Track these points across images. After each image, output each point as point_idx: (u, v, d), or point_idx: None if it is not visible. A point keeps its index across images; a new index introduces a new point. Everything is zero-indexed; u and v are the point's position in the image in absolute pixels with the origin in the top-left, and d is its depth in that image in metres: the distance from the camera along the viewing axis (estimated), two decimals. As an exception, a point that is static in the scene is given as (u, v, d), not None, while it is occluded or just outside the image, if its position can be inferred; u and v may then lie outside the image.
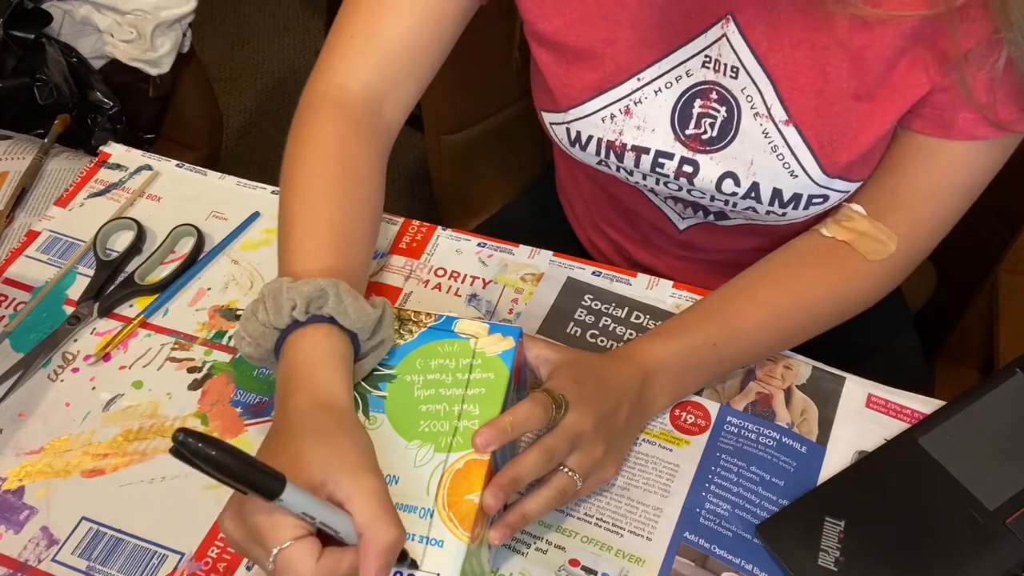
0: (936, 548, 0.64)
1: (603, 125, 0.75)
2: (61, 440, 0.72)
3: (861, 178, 0.73)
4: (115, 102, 1.35)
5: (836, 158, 0.70)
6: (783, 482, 0.69)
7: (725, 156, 0.73)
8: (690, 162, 0.74)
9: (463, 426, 0.60)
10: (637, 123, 0.74)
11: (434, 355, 0.64)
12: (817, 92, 0.68)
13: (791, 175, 0.72)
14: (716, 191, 0.75)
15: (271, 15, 2.41)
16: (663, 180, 0.77)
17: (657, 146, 0.74)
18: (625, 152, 0.75)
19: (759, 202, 0.74)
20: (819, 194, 0.72)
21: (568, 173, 0.98)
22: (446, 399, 0.62)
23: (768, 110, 0.70)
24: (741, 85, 0.70)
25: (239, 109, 2.19)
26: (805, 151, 0.70)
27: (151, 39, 1.33)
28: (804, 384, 0.75)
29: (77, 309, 0.79)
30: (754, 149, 0.72)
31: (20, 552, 0.66)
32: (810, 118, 0.69)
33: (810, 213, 0.74)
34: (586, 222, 0.99)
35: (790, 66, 0.68)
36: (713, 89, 0.71)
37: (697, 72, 0.71)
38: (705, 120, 0.72)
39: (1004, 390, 0.72)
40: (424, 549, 0.56)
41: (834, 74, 0.67)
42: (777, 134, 0.71)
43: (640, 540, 0.66)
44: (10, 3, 1.25)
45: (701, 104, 0.72)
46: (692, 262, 0.91)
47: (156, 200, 0.89)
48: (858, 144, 0.69)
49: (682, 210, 0.84)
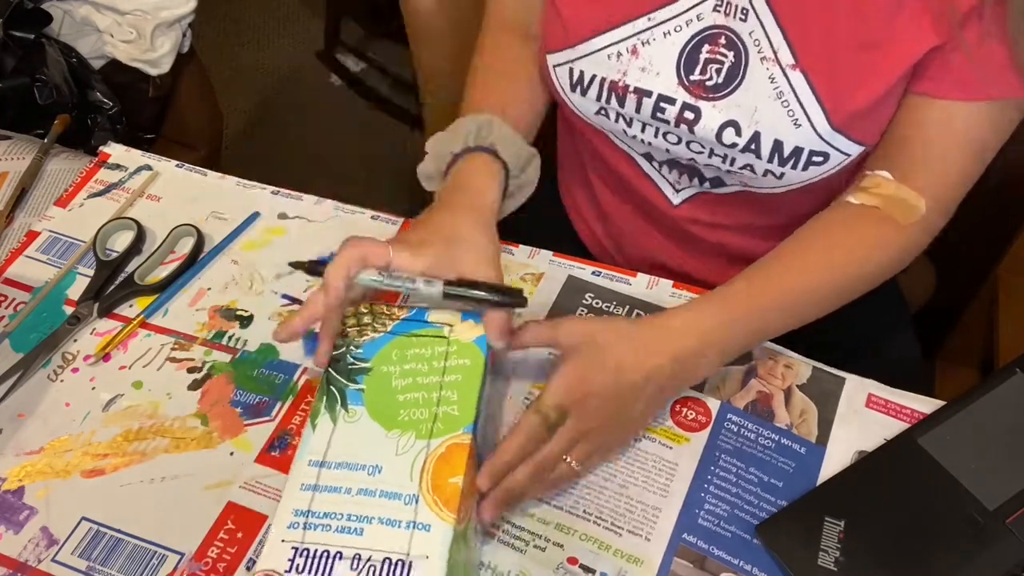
0: (936, 548, 0.64)
1: (608, 63, 0.76)
2: (61, 440, 0.72)
3: (862, 139, 0.73)
4: (115, 102, 1.35)
5: (842, 107, 0.70)
6: (782, 483, 0.69)
7: (728, 104, 0.73)
8: (692, 108, 0.74)
9: (442, 412, 0.62)
10: (642, 64, 0.75)
11: (409, 345, 0.65)
12: (824, 37, 0.69)
13: (795, 124, 0.71)
14: (716, 141, 0.75)
15: (271, 15, 2.41)
16: (662, 130, 0.77)
17: (660, 90, 0.75)
18: (627, 95, 0.76)
19: (758, 157, 0.74)
20: (820, 150, 0.72)
21: (569, 152, 0.98)
22: (424, 387, 0.63)
23: (775, 53, 0.71)
24: (749, 28, 0.71)
25: (239, 109, 2.19)
26: (811, 98, 0.70)
27: (151, 39, 1.33)
28: (804, 384, 0.75)
29: (77, 309, 0.79)
30: (759, 96, 0.72)
31: (20, 552, 0.66)
32: (817, 63, 0.70)
33: (808, 175, 0.74)
34: (584, 208, 0.99)
35: (798, 9, 0.69)
36: (722, 34, 0.72)
37: (708, 16, 0.72)
38: (712, 66, 0.73)
39: (1004, 390, 0.72)
40: (411, 535, 0.57)
41: (842, 18, 0.68)
42: (783, 79, 0.71)
43: (639, 540, 0.66)
44: (10, 3, 1.25)
45: (709, 49, 0.73)
46: (685, 247, 0.91)
47: (156, 200, 0.89)
48: (864, 95, 0.70)
49: (677, 179, 0.84)
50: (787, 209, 0.83)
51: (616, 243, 0.97)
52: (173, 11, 1.34)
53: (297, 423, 0.72)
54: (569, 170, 1.01)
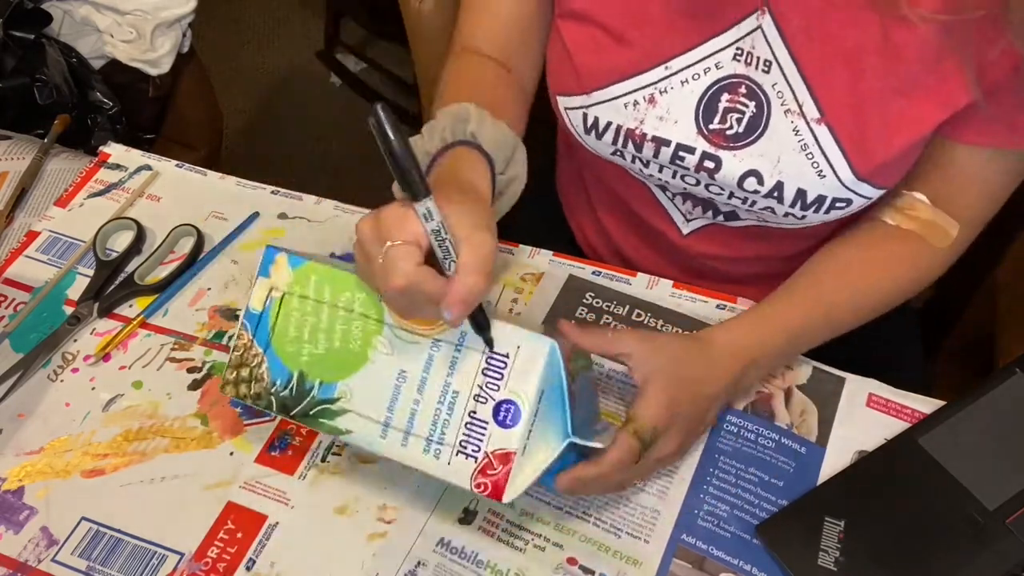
0: (936, 548, 0.64)
1: (624, 111, 0.74)
2: (61, 440, 0.72)
3: (887, 184, 0.72)
4: (115, 102, 1.35)
5: (868, 159, 0.70)
6: (782, 483, 0.69)
7: (750, 153, 0.72)
8: (712, 158, 0.73)
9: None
10: (660, 113, 0.73)
11: None
12: (851, 90, 0.68)
13: (819, 175, 0.71)
14: (737, 187, 0.74)
15: (271, 15, 2.41)
16: (681, 173, 0.76)
17: (679, 139, 0.73)
18: (644, 142, 0.74)
19: (780, 202, 0.73)
20: (844, 197, 0.72)
21: (572, 174, 0.97)
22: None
23: (800, 107, 0.69)
24: (773, 80, 0.70)
25: (239, 109, 2.19)
26: (836, 151, 0.70)
27: (151, 39, 1.33)
28: (804, 384, 0.75)
29: (77, 309, 0.79)
30: (782, 147, 0.71)
31: (20, 552, 0.66)
32: (843, 116, 0.69)
33: (829, 217, 0.74)
34: (586, 225, 0.99)
35: (824, 62, 0.68)
36: (743, 83, 0.71)
37: (728, 64, 0.71)
38: (731, 115, 0.72)
39: (1004, 390, 0.72)
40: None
41: (869, 72, 0.67)
42: (808, 132, 0.70)
43: (637, 542, 0.66)
44: (10, 3, 1.25)
45: (728, 98, 0.71)
46: (690, 272, 0.91)
47: (156, 200, 0.89)
48: (892, 146, 0.69)
49: (690, 209, 0.83)
50: (798, 243, 0.83)
51: (618, 257, 0.97)
52: (173, 11, 1.34)
53: (297, 423, 0.72)
54: (573, 196, 1.00)
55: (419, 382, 0.60)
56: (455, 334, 0.59)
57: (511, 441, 0.58)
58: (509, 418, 0.58)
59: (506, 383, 0.58)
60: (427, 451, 0.60)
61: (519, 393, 0.58)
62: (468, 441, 0.59)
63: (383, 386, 0.61)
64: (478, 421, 0.58)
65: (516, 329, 0.58)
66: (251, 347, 0.64)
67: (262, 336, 0.64)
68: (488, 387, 0.58)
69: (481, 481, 0.58)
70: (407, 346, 0.60)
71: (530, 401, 0.58)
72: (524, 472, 0.59)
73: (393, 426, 0.61)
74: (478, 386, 0.59)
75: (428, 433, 0.60)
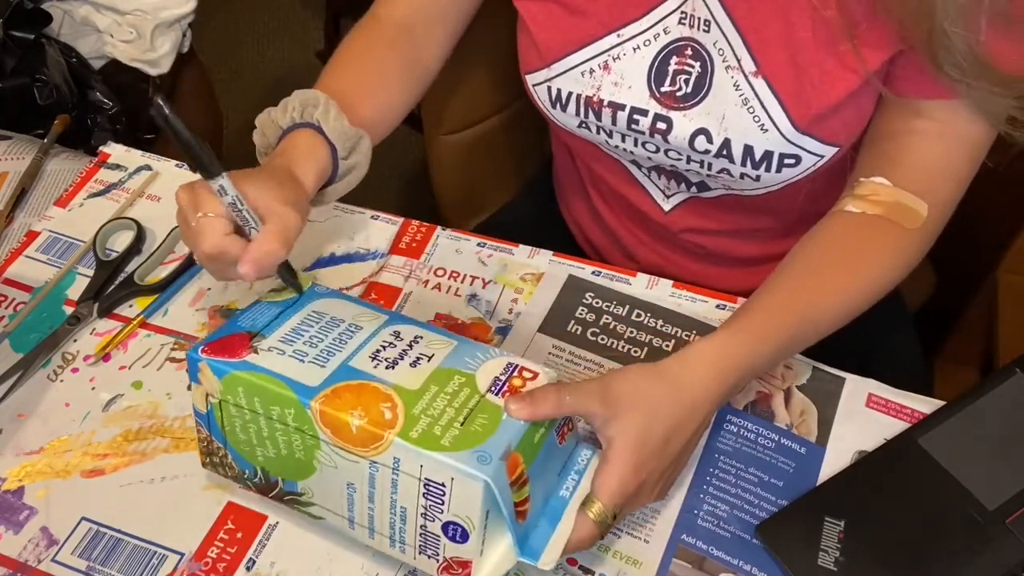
0: (936, 548, 0.64)
1: (582, 80, 0.77)
2: (61, 440, 0.72)
3: (832, 139, 0.73)
4: (115, 102, 1.35)
5: (806, 109, 0.71)
6: (782, 483, 0.69)
7: (698, 112, 0.74)
8: (663, 119, 0.75)
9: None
10: (615, 79, 0.76)
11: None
12: (784, 43, 0.70)
13: (761, 129, 0.72)
14: (690, 148, 0.76)
15: (271, 15, 2.41)
16: (640, 139, 0.78)
17: (632, 102, 0.76)
18: (602, 109, 0.77)
19: (731, 161, 0.75)
20: (790, 153, 0.73)
21: (565, 161, 0.98)
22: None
23: (739, 62, 0.72)
24: (713, 38, 0.72)
25: (239, 109, 2.19)
26: (774, 103, 0.72)
27: (151, 39, 1.33)
28: (804, 384, 0.75)
29: (77, 309, 0.79)
30: (725, 103, 0.73)
31: (20, 552, 0.66)
32: (779, 68, 0.71)
33: (783, 176, 0.75)
34: (582, 213, 0.99)
35: (756, 17, 0.70)
36: (688, 45, 0.74)
37: (674, 29, 0.73)
38: (680, 77, 0.74)
39: (1004, 390, 0.72)
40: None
41: (798, 24, 0.69)
42: (747, 86, 0.72)
43: (637, 542, 0.66)
44: (10, 3, 1.25)
45: (677, 61, 0.74)
46: (684, 255, 0.91)
47: (156, 200, 0.89)
48: (828, 96, 0.70)
49: (666, 184, 0.85)
50: (773, 210, 0.84)
51: (616, 247, 0.97)
52: (173, 11, 1.34)
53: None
54: (567, 185, 1.01)
55: (367, 494, 0.58)
56: (389, 458, 0.56)
57: (466, 552, 0.56)
58: (459, 535, 0.56)
59: (448, 508, 0.55)
60: (392, 546, 0.60)
61: (463, 517, 0.55)
62: (426, 546, 0.58)
63: (337, 492, 0.59)
64: (430, 534, 0.57)
65: (448, 460, 0.54)
66: (212, 441, 0.63)
67: (216, 434, 0.62)
68: (432, 509, 0.56)
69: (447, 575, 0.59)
70: (347, 463, 0.58)
71: (476, 522, 0.55)
72: (488, 565, 0.57)
73: (358, 523, 0.60)
74: (423, 507, 0.56)
75: (390, 534, 0.59)
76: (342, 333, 0.62)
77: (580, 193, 0.98)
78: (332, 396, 0.57)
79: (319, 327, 0.62)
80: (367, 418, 0.56)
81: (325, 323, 0.63)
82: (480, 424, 0.56)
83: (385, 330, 0.62)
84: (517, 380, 0.59)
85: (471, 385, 0.58)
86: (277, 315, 0.63)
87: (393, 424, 0.56)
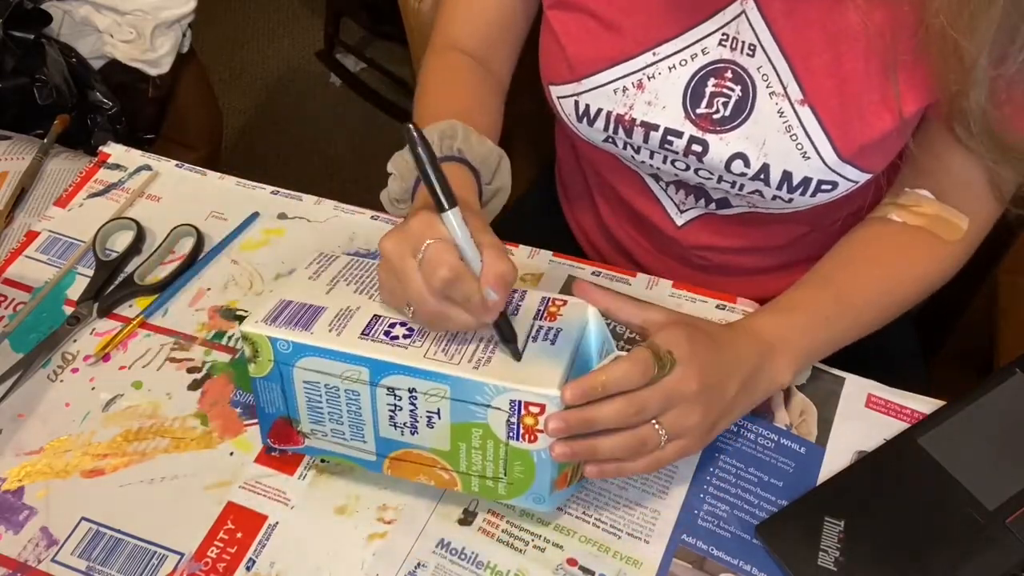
0: (936, 548, 0.64)
1: (614, 97, 0.75)
2: (61, 440, 0.72)
3: (872, 168, 0.73)
4: (115, 102, 1.35)
5: (851, 140, 0.70)
6: (782, 483, 0.69)
7: (737, 136, 0.73)
8: (699, 141, 0.74)
9: None
10: (648, 98, 0.74)
11: None
12: (831, 72, 0.69)
13: (803, 156, 0.72)
14: (725, 171, 0.75)
15: (271, 15, 2.41)
16: (671, 158, 0.77)
17: (666, 123, 0.75)
18: (634, 127, 0.76)
19: (767, 184, 0.74)
20: (829, 180, 0.73)
21: (571, 164, 0.98)
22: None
23: (784, 89, 0.71)
24: (758, 63, 0.71)
25: (239, 109, 2.19)
26: (819, 132, 0.71)
27: (151, 39, 1.33)
28: (804, 384, 0.75)
29: (77, 309, 0.79)
30: (767, 129, 0.72)
31: (20, 552, 0.66)
32: (826, 97, 0.70)
33: (816, 200, 0.74)
34: (585, 217, 0.99)
35: (805, 44, 0.69)
36: (729, 68, 0.72)
37: (714, 50, 0.72)
38: (718, 99, 0.73)
39: (1004, 390, 0.72)
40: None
41: (849, 54, 0.68)
42: (792, 114, 0.71)
43: (638, 542, 0.66)
44: (10, 3, 1.25)
45: (715, 83, 0.73)
46: (686, 264, 0.91)
47: (156, 200, 0.89)
48: (874, 127, 0.70)
49: (683, 199, 0.84)
50: (791, 229, 0.84)
51: (618, 252, 0.97)
52: (173, 11, 1.34)
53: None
54: (571, 187, 1.01)
55: None
56: None
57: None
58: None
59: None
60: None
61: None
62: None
63: None
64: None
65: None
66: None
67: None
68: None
69: None
70: None
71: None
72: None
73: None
74: None
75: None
76: (348, 402, 0.63)
77: (585, 197, 0.97)
78: (394, 468, 0.65)
79: (327, 400, 0.63)
80: (434, 481, 0.64)
81: (328, 393, 0.63)
82: (519, 472, 0.61)
83: (378, 390, 0.61)
84: (528, 419, 0.59)
85: (491, 436, 0.61)
86: (281, 393, 0.64)
87: (454, 483, 0.63)
